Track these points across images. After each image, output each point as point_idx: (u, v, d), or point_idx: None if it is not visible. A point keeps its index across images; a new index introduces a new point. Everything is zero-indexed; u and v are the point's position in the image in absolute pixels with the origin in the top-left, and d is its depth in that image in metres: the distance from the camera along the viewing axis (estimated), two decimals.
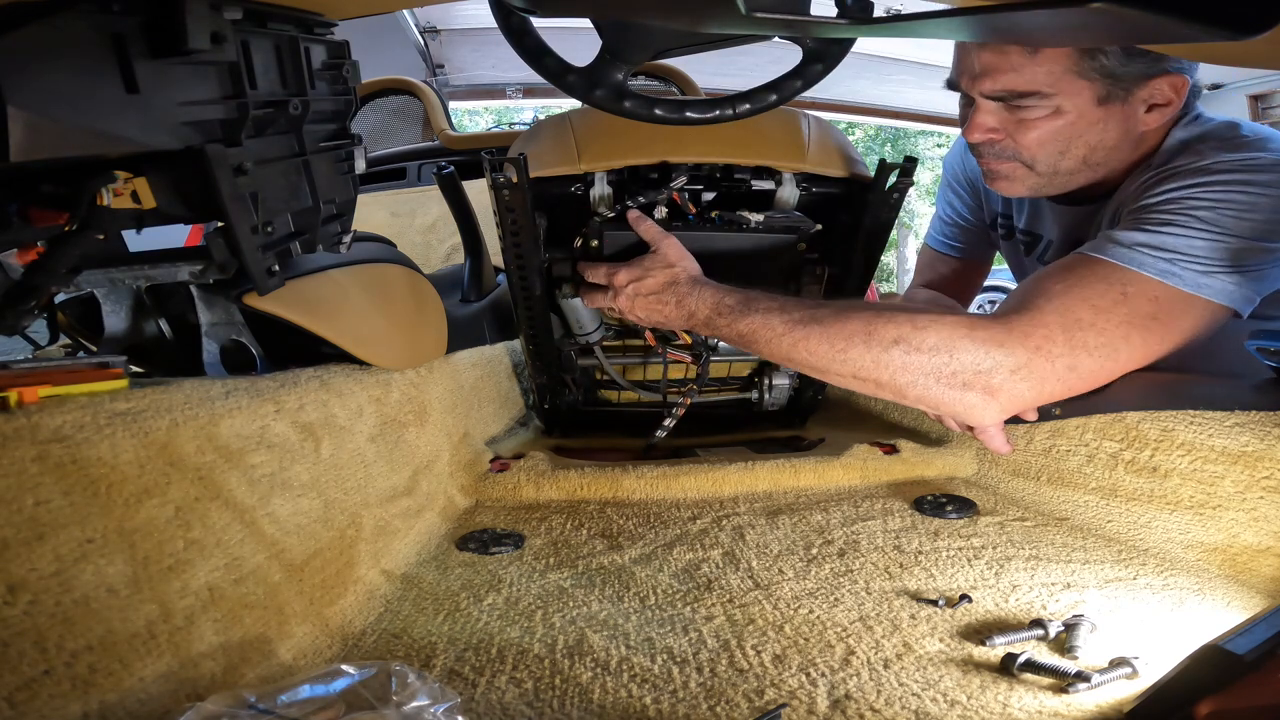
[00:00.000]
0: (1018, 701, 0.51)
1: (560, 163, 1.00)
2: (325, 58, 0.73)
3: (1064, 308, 0.79)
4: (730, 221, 1.03)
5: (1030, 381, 0.79)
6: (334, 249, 0.80)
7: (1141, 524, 0.81)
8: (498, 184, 0.94)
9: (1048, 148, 0.90)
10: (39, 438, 0.47)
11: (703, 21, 0.70)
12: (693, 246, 1.01)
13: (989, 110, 0.91)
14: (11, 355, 0.68)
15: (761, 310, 0.89)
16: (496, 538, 0.86)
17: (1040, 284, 0.82)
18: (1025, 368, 0.79)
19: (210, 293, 0.77)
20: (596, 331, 1.15)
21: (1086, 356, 0.79)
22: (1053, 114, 0.88)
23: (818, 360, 0.85)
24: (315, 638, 0.61)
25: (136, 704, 0.45)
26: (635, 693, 0.54)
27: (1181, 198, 0.81)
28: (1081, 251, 0.83)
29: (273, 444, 0.66)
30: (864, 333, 0.82)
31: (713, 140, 0.99)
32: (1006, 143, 0.92)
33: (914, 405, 0.86)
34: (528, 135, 1.09)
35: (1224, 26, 0.40)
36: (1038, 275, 0.85)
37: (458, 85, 4.33)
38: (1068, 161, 0.91)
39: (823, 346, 0.84)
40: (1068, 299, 0.79)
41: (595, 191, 1.03)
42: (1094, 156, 0.91)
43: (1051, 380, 0.80)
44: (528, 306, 1.10)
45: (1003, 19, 0.50)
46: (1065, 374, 0.79)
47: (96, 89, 0.49)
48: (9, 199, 0.56)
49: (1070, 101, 0.86)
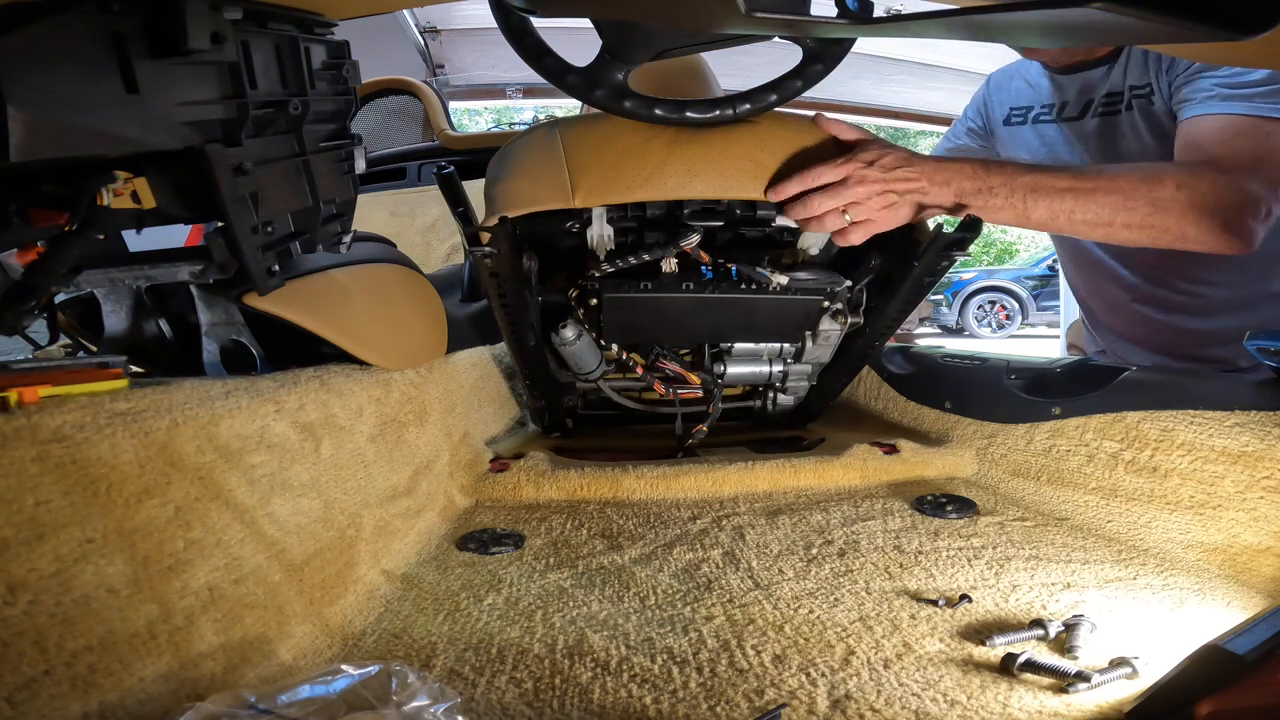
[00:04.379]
0: (1018, 701, 0.51)
1: (551, 197, 0.86)
2: (325, 58, 0.73)
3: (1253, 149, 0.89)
4: (749, 279, 0.93)
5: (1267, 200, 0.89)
6: (334, 249, 0.80)
7: (1142, 524, 0.81)
8: (478, 257, 0.85)
9: None
10: (39, 438, 0.47)
11: (703, 21, 0.70)
12: (703, 307, 0.93)
13: None
14: (12, 355, 0.68)
15: (1026, 184, 0.86)
16: (496, 538, 0.86)
17: (1226, 145, 0.90)
18: (1265, 198, 0.88)
19: (210, 293, 0.77)
20: (598, 369, 1.10)
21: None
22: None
23: (1100, 218, 0.86)
24: (315, 638, 0.61)
25: (136, 704, 0.45)
26: (635, 693, 0.54)
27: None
28: (1224, 112, 0.92)
29: (273, 444, 0.66)
30: (1145, 189, 0.85)
31: (730, 172, 0.88)
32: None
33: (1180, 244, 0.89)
34: (510, 156, 0.91)
35: (1224, 26, 0.40)
36: (1216, 137, 0.92)
37: (458, 85, 4.33)
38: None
39: (1113, 199, 0.85)
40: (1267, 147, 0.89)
41: (594, 231, 0.91)
42: None
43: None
44: (522, 355, 1.03)
45: (1003, 19, 0.50)
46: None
47: (97, 89, 0.49)
48: (9, 199, 0.56)
49: None
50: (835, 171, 0.84)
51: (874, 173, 0.84)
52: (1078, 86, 1.19)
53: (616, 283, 0.93)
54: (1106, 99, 1.16)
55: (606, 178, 0.85)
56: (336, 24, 0.75)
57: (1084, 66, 1.15)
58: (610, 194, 0.86)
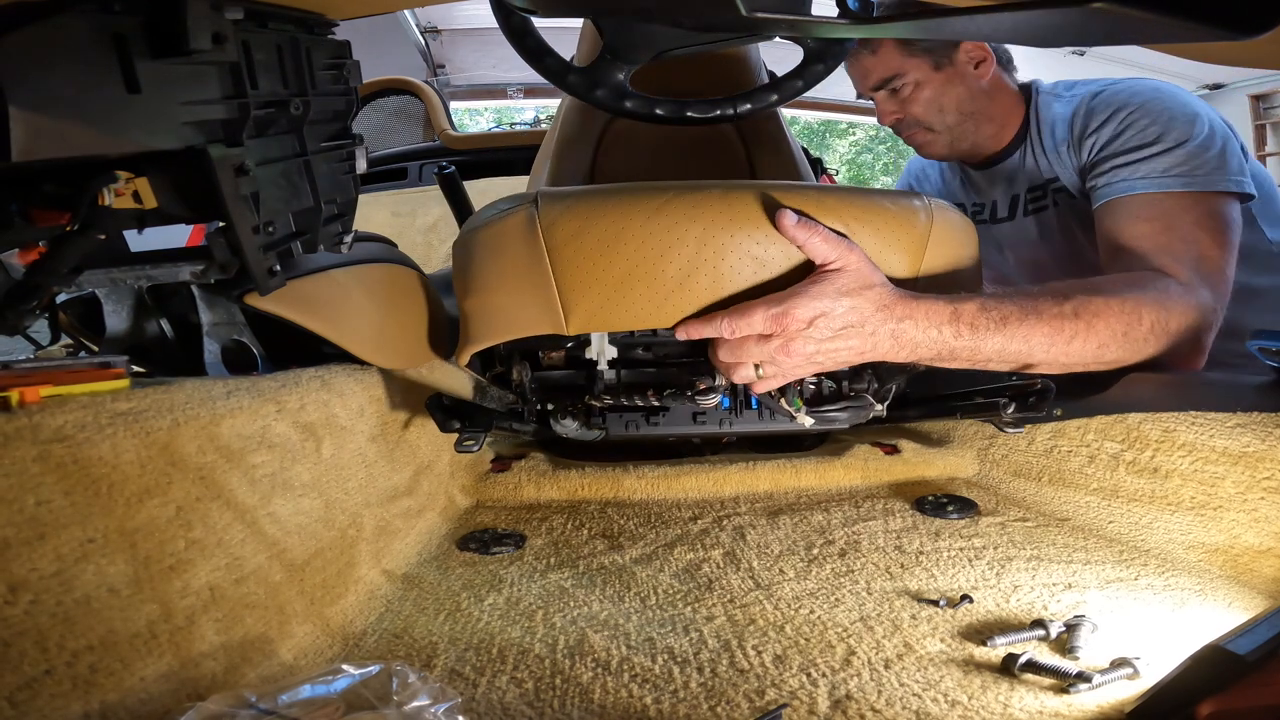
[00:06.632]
0: (1019, 702, 0.51)
1: (537, 322, 0.72)
2: (326, 58, 0.73)
3: (1197, 248, 0.92)
4: (770, 410, 0.86)
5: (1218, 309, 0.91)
6: (335, 249, 0.80)
7: (1143, 525, 0.81)
8: (463, 446, 0.82)
9: (930, 110, 1.16)
10: (40, 437, 0.47)
11: (703, 21, 0.70)
12: (716, 438, 0.90)
13: (883, 99, 1.18)
14: (13, 355, 0.68)
15: (1009, 322, 0.73)
16: (497, 538, 0.86)
17: (1159, 240, 0.92)
18: (1215, 306, 0.90)
19: (211, 292, 0.77)
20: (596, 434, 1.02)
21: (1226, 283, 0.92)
22: (916, 87, 1.14)
23: (1076, 361, 0.79)
24: (316, 637, 0.61)
25: (137, 703, 0.46)
26: (636, 693, 0.54)
27: (1128, 127, 1.00)
28: (1138, 192, 0.96)
29: (274, 444, 0.66)
30: (1124, 327, 0.80)
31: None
32: (905, 119, 1.18)
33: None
34: (481, 252, 0.73)
35: (1224, 26, 0.40)
36: (1144, 233, 0.94)
37: (459, 85, 4.34)
38: (950, 116, 1.16)
39: (1089, 346, 0.78)
40: (1195, 235, 0.92)
41: (594, 349, 0.80)
42: (965, 107, 1.15)
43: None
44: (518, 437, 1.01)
45: (1004, 19, 0.50)
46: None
47: (98, 89, 0.49)
48: (11, 199, 0.56)
49: (917, 75, 1.14)
50: (764, 323, 0.68)
51: (811, 334, 0.68)
52: (1000, 183, 1.23)
53: (623, 418, 0.86)
54: (1031, 194, 1.19)
55: (608, 302, 0.69)
56: (338, 24, 0.75)
57: (996, 160, 1.20)
58: (612, 322, 0.71)
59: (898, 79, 1.14)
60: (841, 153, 13.84)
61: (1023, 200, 1.20)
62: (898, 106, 1.18)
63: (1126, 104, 1.02)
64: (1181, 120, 0.98)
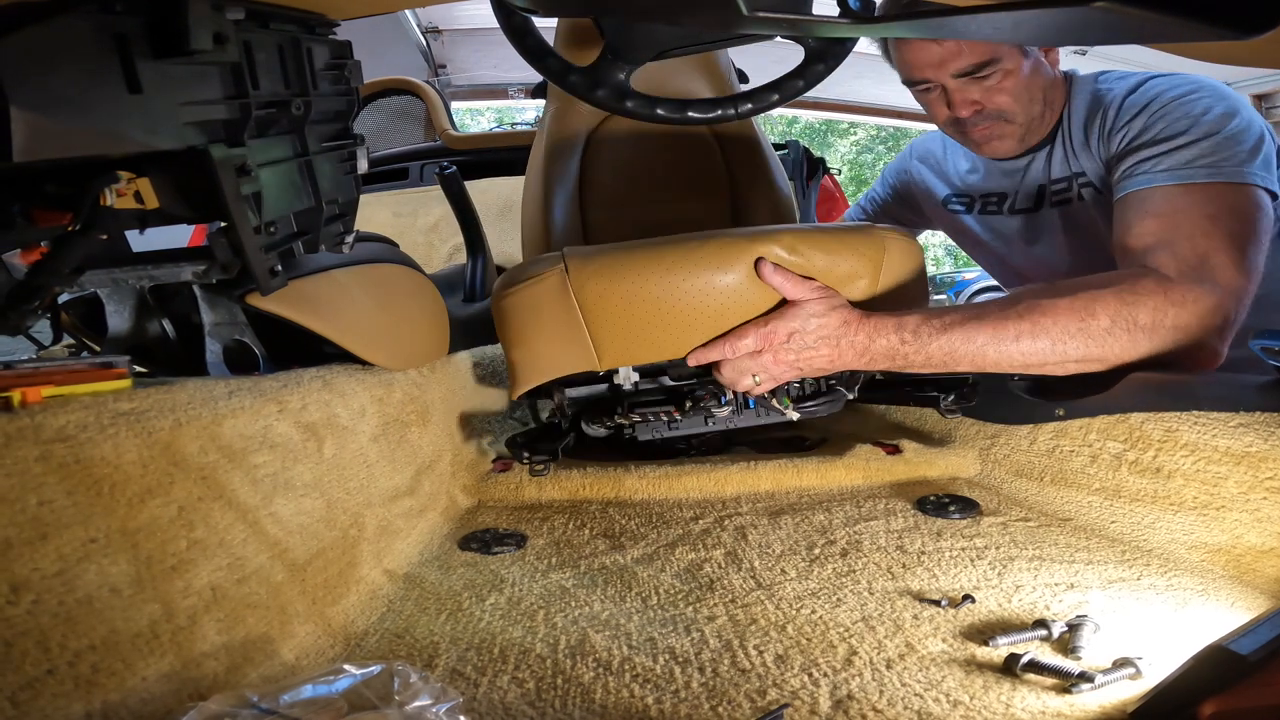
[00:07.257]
0: (1021, 702, 0.51)
1: (576, 362, 0.89)
2: (327, 58, 0.73)
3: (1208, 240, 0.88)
4: (765, 408, 0.98)
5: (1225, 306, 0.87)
6: (336, 249, 0.80)
7: (1145, 525, 0.80)
8: (535, 472, 0.96)
9: (1018, 99, 1.08)
10: (42, 437, 0.47)
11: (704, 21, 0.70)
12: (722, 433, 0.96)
13: (960, 87, 1.08)
14: (15, 355, 0.68)
15: (951, 327, 0.85)
16: (499, 537, 0.86)
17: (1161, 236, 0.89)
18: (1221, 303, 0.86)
19: (213, 293, 0.77)
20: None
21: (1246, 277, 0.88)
22: (1006, 75, 1.06)
23: (1033, 360, 0.85)
24: (318, 637, 0.61)
25: (139, 703, 0.46)
26: (637, 693, 0.54)
27: (1159, 119, 0.97)
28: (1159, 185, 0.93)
29: (275, 444, 0.66)
30: (1078, 323, 0.83)
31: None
32: (987, 109, 1.10)
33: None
34: (521, 313, 0.89)
35: (1225, 26, 0.40)
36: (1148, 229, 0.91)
37: (460, 85, 4.34)
38: (1035, 106, 1.09)
39: (1040, 344, 0.84)
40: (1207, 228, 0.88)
41: (622, 377, 0.93)
42: (1045, 97, 1.10)
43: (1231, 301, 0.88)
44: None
45: (1005, 19, 0.50)
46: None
47: (99, 89, 0.49)
48: (13, 199, 0.56)
49: (1012, 60, 1.05)
50: (755, 342, 0.87)
51: (791, 346, 0.86)
52: (1023, 176, 1.18)
53: (648, 426, 0.98)
54: (1056, 187, 1.15)
55: (633, 342, 0.87)
56: (339, 24, 0.75)
57: (1027, 151, 1.15)
58: (637, 357, 0.89)
59: (991, 65, 1.05)
60: (843, 152, 13.86)
61: (1048, 192, 1.16)
62: (981, 95, 1.08)
63: (1160, 96, 0.99)
64: (1217, 114, 0.94)
